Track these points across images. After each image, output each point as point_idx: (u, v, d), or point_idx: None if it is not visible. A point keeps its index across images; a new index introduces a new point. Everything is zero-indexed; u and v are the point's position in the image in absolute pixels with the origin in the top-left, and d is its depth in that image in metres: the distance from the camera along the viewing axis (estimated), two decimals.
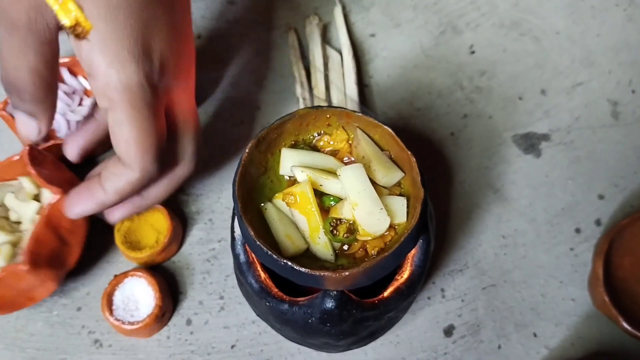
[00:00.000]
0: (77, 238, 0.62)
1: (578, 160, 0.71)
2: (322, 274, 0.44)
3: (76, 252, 0.62)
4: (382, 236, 0.47)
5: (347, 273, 0.43)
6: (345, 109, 0.51)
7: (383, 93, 0.75)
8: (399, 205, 0.47)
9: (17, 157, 0.61)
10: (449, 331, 0.62)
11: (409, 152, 0.48)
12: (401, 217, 0.47)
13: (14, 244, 0.59)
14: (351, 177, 0.47)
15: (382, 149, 0.51)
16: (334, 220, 0.47)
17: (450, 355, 0.61)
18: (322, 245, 0.47)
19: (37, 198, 0.61)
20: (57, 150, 0.65)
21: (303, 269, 0.44)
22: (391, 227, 0.48)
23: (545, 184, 0.69)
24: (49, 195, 0.60)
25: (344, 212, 0.47)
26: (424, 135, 0.72)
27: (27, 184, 0.61)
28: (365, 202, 0.46)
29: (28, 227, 0.60)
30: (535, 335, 0.62)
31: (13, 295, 0.58)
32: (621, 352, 0.61)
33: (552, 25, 0.80)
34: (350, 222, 0.47)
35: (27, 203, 0.60)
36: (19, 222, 0.61)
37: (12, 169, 0.62)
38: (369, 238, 0.47)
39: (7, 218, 0.61)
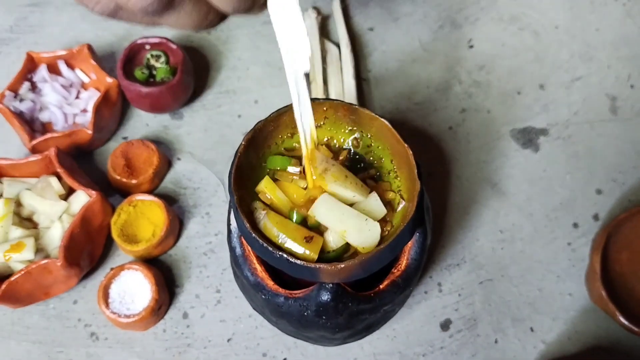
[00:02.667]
0: (101, 238, 0.64)
1: (576, 155, 0.70)
2: (317, 266, 0.43)
3: (99, 251, 0.64)
4: None
5: (342, 265, 0.43)
6: (342, 101, 0.50)
7: (381, 87, 0.75)
8: (374, 202, 0.47)
9: (35, 157, 0.63)
10: (445, 325, 0.62)
11: (406, 145, 0.47)
12: (380, 210, 0.47)
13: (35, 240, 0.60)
14: (326, 211, 0.46)
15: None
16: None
17: (446, 350, 0.61)
18: None
19: (61, 197, 0.63)
20: (54, 144, 0.65)
21: (298, 261, 0.44)
22: (387, 221, 0.48)
23: (543, 178, 0.69)
24: (82, 196, 0.62)
25: (334, 240, 0.46)
26: (422, 129, 0.72)
27: (55, 184, 0.62)
28: (350, 224, 0.46)
29: (51, 225, 0.61)
30: (532, 329, 0.62)
31: (33, 289, 0.59)
32: (618, 346, 0.61)
33: (552, 20, 0.79)
34: None
35: (55, 202, 0.61)
36: (29, 219, 0.62)
37: (29, 168, 0.64)
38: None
39: (18, 214, 0.61)
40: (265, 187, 0.48)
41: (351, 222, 0.46)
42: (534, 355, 0.61)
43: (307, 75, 0.42)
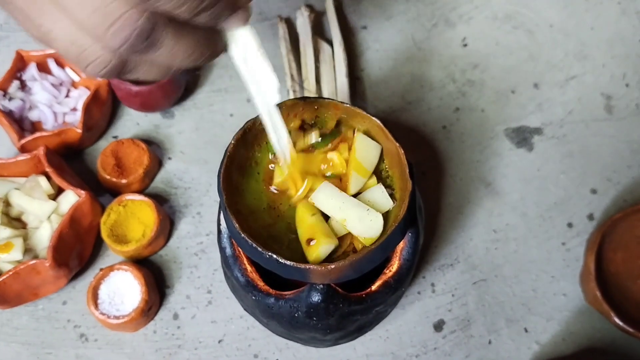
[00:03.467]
0: (91, 238, 0.63)
1: (571, 154, 0.70)
2: (307, 267, 0.43)
3: (88, 252, 0.63)
4: None
5: (333, 266, 0.43)
6: (334, 100, 0.50)
7: (374, 86, 0.74)
8: (379, 193, 0.47)
9: (24, 157, 0.62)
10: (439, 326, 0.61)
11: (397, 144, 0.47)
12: (387, 203, 0.47)
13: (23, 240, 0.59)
14: (325, 198, 0.46)
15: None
16: None
17: (440, 350, 0.60)
18: None
19: (50, 197, 0.62)
20: (43, 143, 0.64)
21: (288, 262, 0.43)
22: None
23: (538, 178, 0.69)
24: (71, 195, 0.61)
25: (336, 229, 0.46)
26: (415, 128, 0.71)
27: (44, 183, 0.62)
28: (351, 213, 0.46)
29: (40, 225, 0.61)
30: (526, 330, 0.61)
31: (21, 289, 0.59)
32: (613, 347, 0.61)
33: (546, 18, 0.79)
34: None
35: (44, 202, 0.61)
36: (17, 219, 0.61)
37: (17, 167, 0.63)
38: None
39: (7, 214, 0.60)
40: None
41: (352, 211, 0.46)
42: (528, 356, 0.60)
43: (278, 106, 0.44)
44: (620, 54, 0.76)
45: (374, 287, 0.49)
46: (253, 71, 0.41)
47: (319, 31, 0.77)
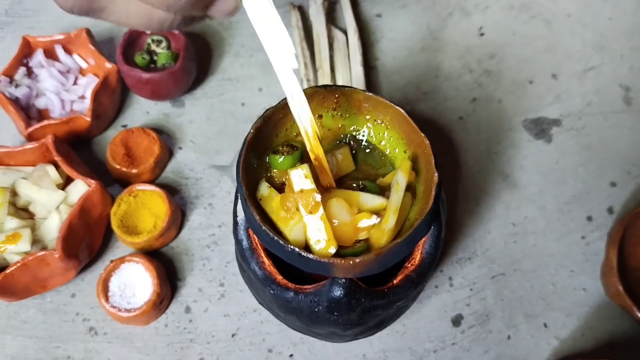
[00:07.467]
0: (101, 229, 0.62)
1: (589, 147, 0.69)
2: (331, 261, 0.41)
3: (98, 243, 0.62)
4: None
5: (358, 260, 0.41)
6: (355, 88, 0.48)
7: (389, 75, 0.72)
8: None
9: (31, 145, 0.60)
10: (457, 321, 0.60)
11: (423, 135, 0.46)
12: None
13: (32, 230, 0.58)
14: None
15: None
16: None
17: (458, 346, 0.59)
18: None
19: (59, 186, 0.60)
20: (51, 131, 0.63)
21: (311, 256, 0.41)
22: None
23: (556, 170, 0.67)
24: (80, 185, 0.60)
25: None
26: (431, 119, 0.70)
27: (53, 172, 0.60)
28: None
29: (48, 215, 0.59)
30: (545, 325, 0.60)
31: (29, 281, 0.57)
32: (634, 343, 0.59)
33: (563, 8, 0.77)
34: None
35: (52, 191, 0.59)
36: (25, 209, 0.59)
37: (24, 156, 0.61)
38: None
39: (14, 204, 0.59)
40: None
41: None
42: (547, 351, 0.59)
43: (295, 72, 0.42)
44: (639, 44, 0.75)
45: (395, 282, 0.48)
46: (269, 32, 0.39)
47: (333, 19, 0.76)
